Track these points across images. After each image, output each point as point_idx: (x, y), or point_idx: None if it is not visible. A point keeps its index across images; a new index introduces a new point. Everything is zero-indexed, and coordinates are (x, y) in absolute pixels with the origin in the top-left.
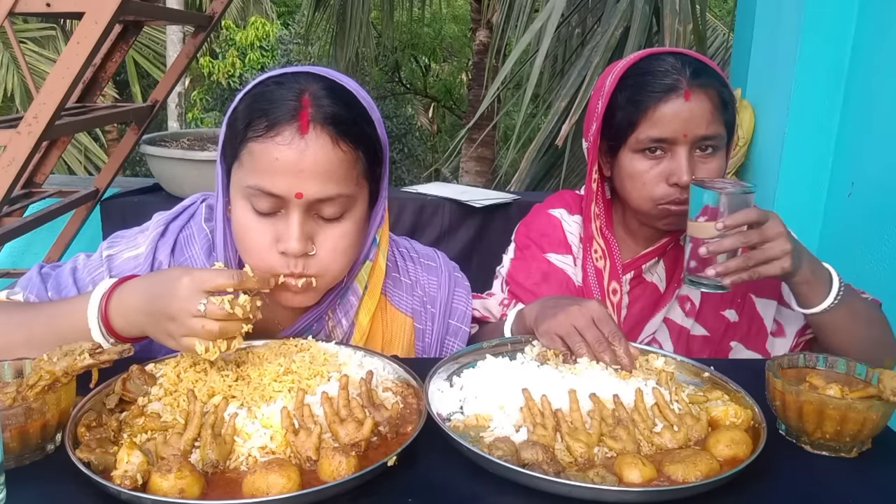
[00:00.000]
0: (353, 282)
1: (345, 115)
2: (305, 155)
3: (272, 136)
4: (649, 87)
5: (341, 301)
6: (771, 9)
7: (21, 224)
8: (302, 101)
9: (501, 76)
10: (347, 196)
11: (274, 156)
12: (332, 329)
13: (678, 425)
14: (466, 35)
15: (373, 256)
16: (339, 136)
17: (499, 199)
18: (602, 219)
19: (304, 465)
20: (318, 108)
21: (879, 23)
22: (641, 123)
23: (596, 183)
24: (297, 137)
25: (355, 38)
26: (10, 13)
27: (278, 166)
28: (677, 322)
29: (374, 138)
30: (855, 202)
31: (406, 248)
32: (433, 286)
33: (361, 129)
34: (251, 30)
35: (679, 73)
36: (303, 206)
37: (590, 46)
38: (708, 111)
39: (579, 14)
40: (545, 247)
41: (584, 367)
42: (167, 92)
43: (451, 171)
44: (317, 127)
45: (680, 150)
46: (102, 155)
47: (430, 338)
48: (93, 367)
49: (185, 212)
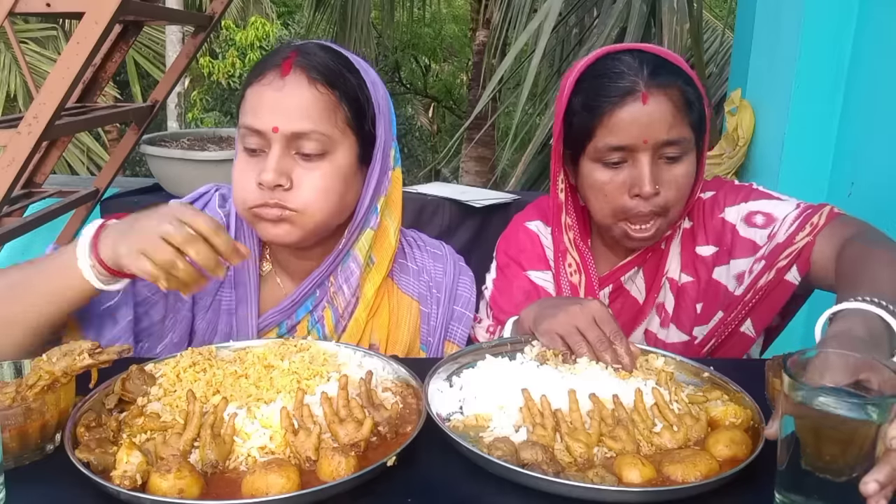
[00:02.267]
0: (354, 249)
1: (326, 63)
2: (283, 92)
3: (259, 80)
4: (604, 90)
5: (342, 266)
6: (771, 9)
7: (21, 224)
8: (290, 53)
9: (498, 75)
10: (324, 135)
11: (259, 95)
12: (333, 294)
13: (678, 425)
14: (466, 35)
15: (374, 224)
16: (315, 78)
17: (499, 199)
18: (575, 230)
19: (304, 465)
20: (303, 57)
21: (879, 23)
22: (598, 131)
23: (564, 192)
24: (278, 79)
25: (356, 38)
26: (10, 13)
27: (261, 104)
28: (654, 332)
29: (361, 92)
30: (855, 202)
31: (413, 237)
32: (439, 272)
33: (341, 76)
34: (251, 30)
35: (636, 73)
36: (281, 142)
37: (587, 46)
38: (669, 114)
39: (577, 13)
40: (524, 264)
41: (583, 367)
42: (167, 92)
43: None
44: (297, 70)
45: (641, 157)
46: (104, 154)
47: (436, 321)
48: (92, 367)
49: (201, 199)
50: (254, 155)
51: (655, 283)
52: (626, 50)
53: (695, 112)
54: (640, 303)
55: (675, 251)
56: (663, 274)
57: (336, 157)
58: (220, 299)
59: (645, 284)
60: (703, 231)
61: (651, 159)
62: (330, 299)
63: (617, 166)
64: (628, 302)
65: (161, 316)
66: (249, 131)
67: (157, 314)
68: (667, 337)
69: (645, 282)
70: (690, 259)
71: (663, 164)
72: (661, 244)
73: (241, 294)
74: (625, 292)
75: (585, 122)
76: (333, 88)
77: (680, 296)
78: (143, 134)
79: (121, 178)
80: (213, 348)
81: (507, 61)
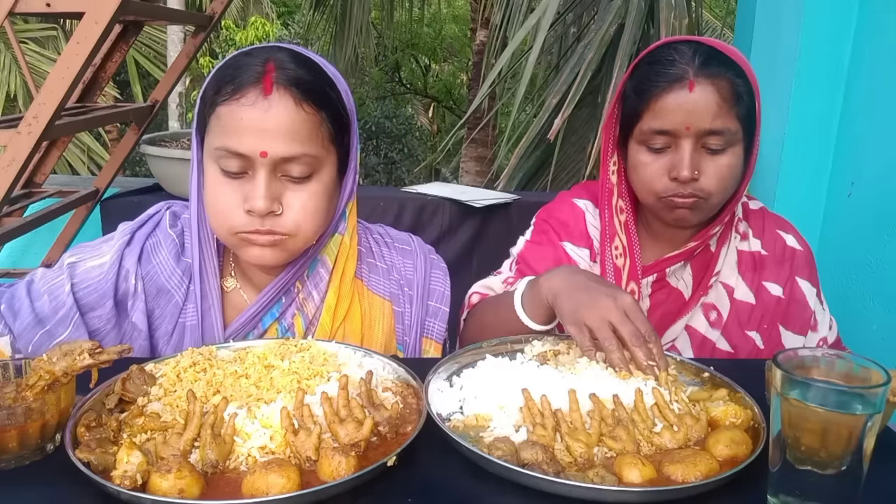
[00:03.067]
0: (323, 254)
1: (308, 78)
2: (269, 114)
3: (238, 99)
4: (654, 76)
5: (310, 273)
6: (771, 9)
7: (21, 224)
8: (266, 66)
9: (495, 72)
10: (313, 157)
11: (239, 116)
12: (302, 301)
13: (678, 425)
14: (466, 35)
15: (342, 229)
16: (302, 98)
17: (499, 199)
18: (628, 213)
19: (304, 465)
20: (282, 72)
21: (879, 23)
22: (645, 114)
23: (616, 175)
24: (261, 98)
25: (355, 38)
26: (10, 13)
27: (243, 126)
28: (700, 331)
29: (339, 104)
30: (855, 202)
31: (381, 234)
32: (409, 269)
33: (325, 93)
34: (251, 30)
35: (687, 61)
36: (268, 166)
37: (584, 42)
38: (714, 103)
39: (575, 11)
40: (563, 235)
41: (584, 366)
42: (167, 92)
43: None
44: (280, 88)
45: (683, 143)
46: (105, 154)
47: (410, 319)
48: (92, 367)
49: (151, 220)
50: (235, 178)
51: (704, 281)
52: (685, 40)
53: (743, 105)
54: (686, 298)
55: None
56: (713, 274)
57: (322, 176)
58: (185, 320)
59: (693, 281)
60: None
61: (693, 146)
62: (300, 306)
63: (660, 151)
64: (673, 294)
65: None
66: (230, 154)
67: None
68: (717, 340)
69: (693, 278)
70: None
71: (706, 153)
72: (711, 244)
73: (206, 307)
74: (668, 285)
75: (635, 105)
76: (320, 108)
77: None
78: (143, 134)
79: (121, 178)
80: (214, 348)
81: (504, 57)
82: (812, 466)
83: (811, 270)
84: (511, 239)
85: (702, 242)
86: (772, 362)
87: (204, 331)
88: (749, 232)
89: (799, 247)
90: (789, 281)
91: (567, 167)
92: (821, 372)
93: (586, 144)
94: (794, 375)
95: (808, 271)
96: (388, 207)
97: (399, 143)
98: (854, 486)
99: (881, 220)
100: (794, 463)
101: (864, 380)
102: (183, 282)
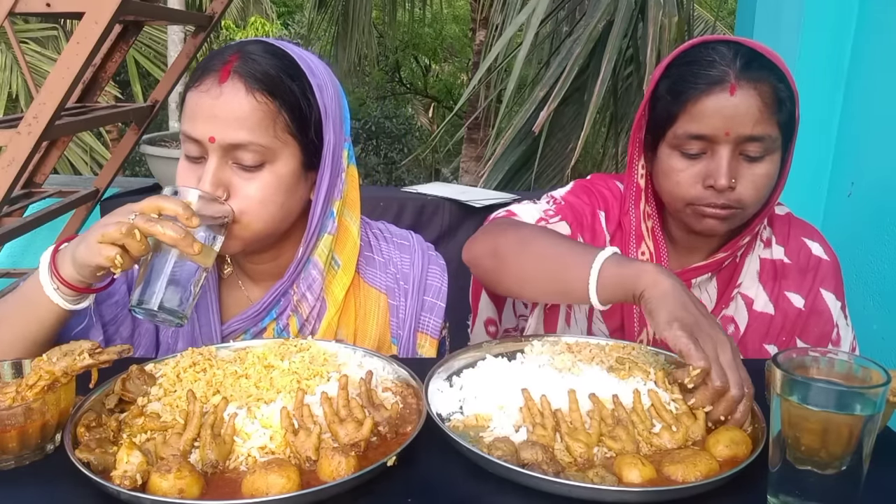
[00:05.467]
0: (314, 256)
1: (266, 69)
2: (219, 101)
3: (198, 86)
4: (692, 77)
5: (303, 274)
6: (771, 9)
7: (21, 224)
8: (230, 57)
9: (485, 66)
10: (263, 146)
11: (196, 102)
12: (297, 303)
13: (676, 425)
14: (467, 35)
15: (332, 230)
16: (254, 87)
17: (499, 199)
18: (655, 219)
19: (304, 465)
20: (243, 62)
21: (879, 23)
22: (680, 117)
23: (643, 178)
24: (216, 86)
25: (357, 38)
26: (10, 13)
27: (197, 111)
28: None
29: (304, 98)
30: (855, 202)
31: (380, 229)
32: (406, 263)
33: (281, 83)
34: (251, 30)
35: (728, 63)
36: (218, 152)
37: (573, 38)
38: (756, 108)
39: (567, 7)
40: (601, 204)
41: (583, 367)
42: (167, 92)
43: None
44: (234, 77)
45: (721, 149)
46: (107, 154)
47: (405, 314)
48: (92, 367)
49: None
50: (195, 162)
51: (727, 293)
52: (723, 40)
53: (784, 111)
54: (709, 311)
55: (753, 268)
56: (735, 286)
57: (275, 167)
58: None
59: (717, 293)
60: (787, 256)
61: (731, 153)
62: (294, 307)
63: (695, 157)
64: None
65: (129, 332)
66: (188, 139)
67: (126, 330)
68: None
69: (718, 291)
70: (769, 279)
71: (743, 160)
72: (737, 255)
73: (202, 299)
74: None
75: (669, 107)
76: (273, 98)
77: (755, 320)
78: (143, 134)
79: (121, 178)
80: (214, 348)
81: (493, 52)
82: (812, 466)
83: (837, 282)
84: None
85: (731, 254)
86: (772, 362)
87: (200, 323)
88: (773, 239)
89: (825, 256)
90: (812, 292)
91: (553, 163)
92: (821, 372)
93: (571, 141)
94: (794, 375)
95: (834, 283)
96: (388, 207)
97: (399, 143)
98: (854, 487)
99: (881, 220)
100: (794, 463)
101: (864, 380)
102: None
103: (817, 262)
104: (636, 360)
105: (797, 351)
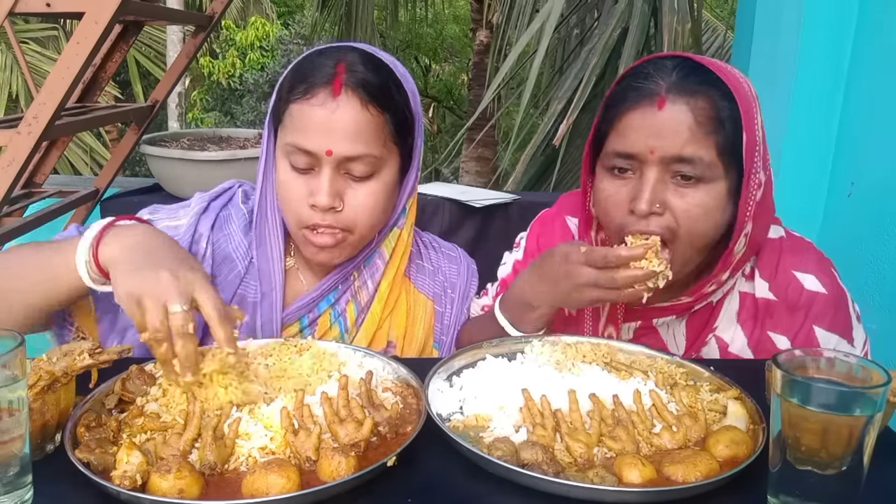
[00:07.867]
0: (382, 247)
1: (375, 81)
2: (336, 115)
3: (308, 98)
4: (622, 91)
5: (367, 263)
6: (771, 9)
7: (21, 224)
8: (337, 68)
9: (500, 76)
10: (375, 157)
11: (309, 115)
12: (357, 289)
13: (676, 426)
14: (467, 35)
15: (402, 224)
16: (367, 100)
17: (499, 199)
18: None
19: (304, 465)
20: (351, 74)
21: (879, 23)
22: (610, 134)
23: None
24: (330, 99)
25: (361, 38)
26: (10, 13)
27: (312, 125)
28: None
29: (404, 106)
30: (855, 202)
31: (429, 238)
32: (454, 273)
33: (390, 96)
34: (251, 30)
35: (664, 76)
36: (333, 164)
37: (588, 47)
38: (686, 126)
39: (578, 14)
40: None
41: (584, 367)
42: (167, 92)
43: (451, 172)
44: (348, 90)
45: (648, 170)
46: (107, 154)
47: (449, 320)
48: (92, 368)
49: (225, 194)
50: (303, 173)
51: (699, 339)
52: (675, 55)
53: (723, 133)
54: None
55: (732, 307)
56: (711, 330)
57: (383, 175)
58: (245, 293)
59: (686, 341)
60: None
61: (658, 174)
62: (354, 293)
63: (624, 178)
64: (659, 346)
65: None
66: (299, 150)
67: None
68: None
69: (687, 338)
70: (749, 318)
71: (674, 184)
72: (713, 299)
73: (266, 287)
74: (656, 335)
75: (602, 126)
76: (384, 110)
77: None
78: (143, 134)
79: (121, 178)
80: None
81: (509, 61)
82: (812, 467)
83: (835, 317)
84: (511, 239)
85: (696, 299)
86: (772, 362)
87: (262, 309)
88: (756, 272)
89: (822, 289)
90: (802, 331)
91: (573, 170)
92: (821, 372)
93: None
94: (794, 376)
95: (830, 319)
96: None
97: None
98: (854, 487)
99: (881, 220)
100: (794, 463)
101: (864, 380)
102: (248, 254)
103: (810, 299)
104: (636, 359)
105: (797, 351)
